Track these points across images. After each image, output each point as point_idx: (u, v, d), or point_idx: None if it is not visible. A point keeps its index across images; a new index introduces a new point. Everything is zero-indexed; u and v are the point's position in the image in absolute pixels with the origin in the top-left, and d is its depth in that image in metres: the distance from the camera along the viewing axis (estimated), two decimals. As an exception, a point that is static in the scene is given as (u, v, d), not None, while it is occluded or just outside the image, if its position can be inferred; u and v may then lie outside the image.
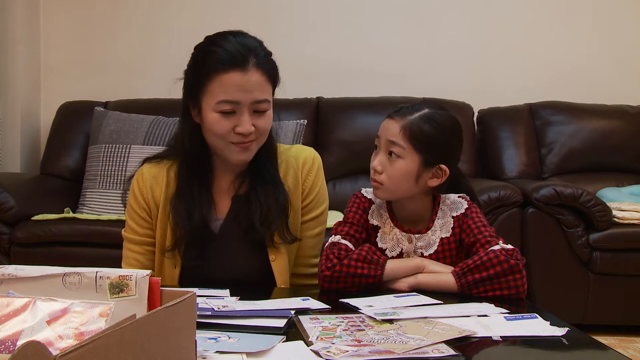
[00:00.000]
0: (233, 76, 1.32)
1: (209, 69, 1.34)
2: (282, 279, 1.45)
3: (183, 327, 0.73)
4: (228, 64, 1.32)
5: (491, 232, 1.37)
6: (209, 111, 1.35)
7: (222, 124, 1.34)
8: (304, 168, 1.50)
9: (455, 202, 1.44)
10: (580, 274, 2.66)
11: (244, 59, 1.33)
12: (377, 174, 1.39)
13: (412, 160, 1.36)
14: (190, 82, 1.40)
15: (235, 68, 1.32)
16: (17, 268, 0.81)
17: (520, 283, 1.28)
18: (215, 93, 1.33)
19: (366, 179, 3.08)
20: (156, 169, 1.50)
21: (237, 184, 1.47)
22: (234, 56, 1.33)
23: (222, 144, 1.37)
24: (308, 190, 1.50)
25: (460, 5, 3.58)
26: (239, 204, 1.46)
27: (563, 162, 3.21)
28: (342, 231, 1.41)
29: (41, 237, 2.60)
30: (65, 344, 0.69)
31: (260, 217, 1.42)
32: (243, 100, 1.33)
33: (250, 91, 1.33)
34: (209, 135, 1.38)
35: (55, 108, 3.38)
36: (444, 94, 3.23)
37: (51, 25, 3.59)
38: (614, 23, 3.56)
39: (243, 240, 1.45)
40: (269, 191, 1.44)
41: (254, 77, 1.34)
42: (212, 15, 3.56)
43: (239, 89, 1.32)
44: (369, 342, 0.93)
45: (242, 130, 1.34)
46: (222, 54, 1.33)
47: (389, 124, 1.39)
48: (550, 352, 0.97)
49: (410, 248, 1.41)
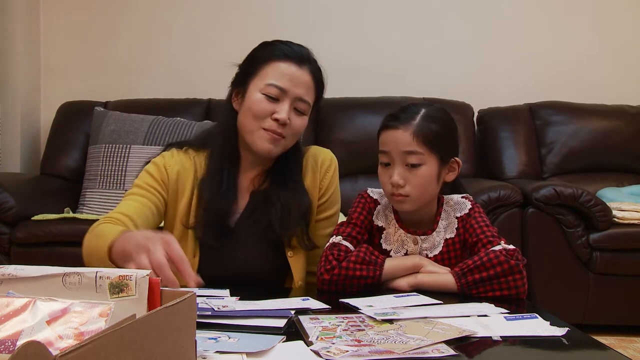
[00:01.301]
0: (289, 66, 1.41)
1: (268, 56, 1.42)
2: (300, 275, 1.47)
3: (183, 327, 0.73)
4: (288, 56, 1.42)
5: (493, 232, 1.37)
6: (254, 92, 1.40)
7: (262, 105, 1.39)
8: (322, 168, 1.54)
9: (459, 202, 1.43)
10: (580, 274, 2.66)
11: (302, 58, 1.43)
12: (399, 188, 1.35)
13: (431, 163, 1.35)
14: (243, 70, 1.47)
15: (292, 61, 1.41)
16: (17, 268, 0.81)
17: (521, 283, 1.28)
18: (266, 76, 1.40)
19: (366, 179, 3.11)
20: (184, 156, 1.50)
21: (259, 181, 1.50)
22: (294, 52, 1.43)
23: (254, 127, 1.40)
24: (324, 189, 1.53)
25: (460, 6, 3.58)
26: (257, 200, 1.48)
27: (563, 162, 3.21)
28: (344, 232, 1.41)
29: (41, 237, 2.60)
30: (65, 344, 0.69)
31: (279, 217, 1.44)
32: (290, 90, 1.40)
33: (299, 86, 1.41)
34: (245, 117, 1.42)
35: (55, 108, 3.38)
36: (444, 94, 3.23)
37: (51, 25, 3.59)
38: (614, 23, 3.56)
39: (258, 237, 1.46)
40: (291, 194, 1.46)
41: (305, 76, 1.42)
42: (212, 15, 3.56)
43: (290, 78, 1.40)
44: (369, 342, 0.93)
45: (279, 117, 1.38)
46: (284, 47, 1.43)
47: (395, 135, 1.35)
48: (550, 352, 0.97)
49: (415, 249, 1.41)
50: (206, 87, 3.39)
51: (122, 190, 2.89)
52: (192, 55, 3.53)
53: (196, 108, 3.30)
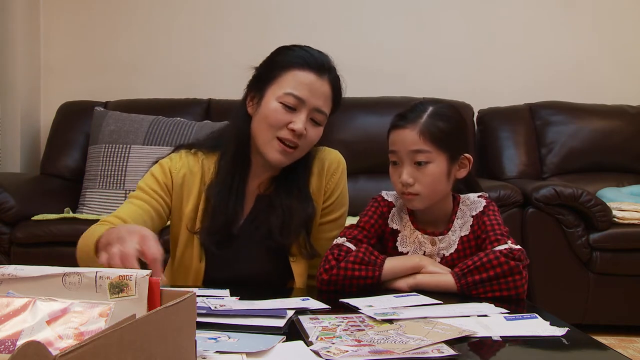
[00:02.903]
0: (308, 75, 1.37)
1: (288, 62, 1.38)
2: (302, 279, 1.46)
3: (183, 327, 0.73)
4: (308, 64, 1.38)
5: (503, 231, 1.36)
6: (271, 99, 1.37)
7: (279, 115, 1.36)
8: (329, 170, 1.51)
9: (475, 201, 1.43)
10: (580, 274, 2.66)
11: (323, 68, 1.40)
12: (409, 186, 1.35)
13: (440, 161, 1.35)
14: (261, 73, 1.43)
15: (312, 70, 1.38)
16: (17, 268, 0.81)
17: (520, 284, 1.28)
18: (285, 84, 1.37)
19: (366, 179, 3.11)
20: (192, 159, 1.48)
21: (265, 185, 1.48)
22: (316, 60, 1.39)
23: (268, 136, 1.38)
24: (330, 192, 1.51)
25: (460, 5, 3.58)
26: (261, 205, 1.46)
27: (563, 162, 3.21)
28: (350, 234, 1.40)
29: (41, 237, 2.60)
30: (65, 344, 0.68)
31: (280, 225, 1.42)
32: (308, 100, 1.37)
33: (317, 97, 1.38)
34: (260, 124, 1.39)
35: (55, 108, 3.38)
36: (444, 94, 3.22)
37: (51, 25, 3.59)
38: (614, 23, 3.56)
39: (261, 241, 1.45)
40: (295, 201, 1.44)
41: (324, 87, 1.39)
42: (212, 15, 3.56)
43: (308, 88, 1.37)
44: (368, 342, 0.93)
45: (295, 127, 1.36)
46: (305, 55, 1.39)
47: (402, 134, 1.36)
48: (550, 352, 0.97)
49: (433, 250, 1.40)
50: (206, 87, 3.39)
51: (122, 190, 2.89)
52: (192, 55, 3.53)
53: (196, 108, 3.30)
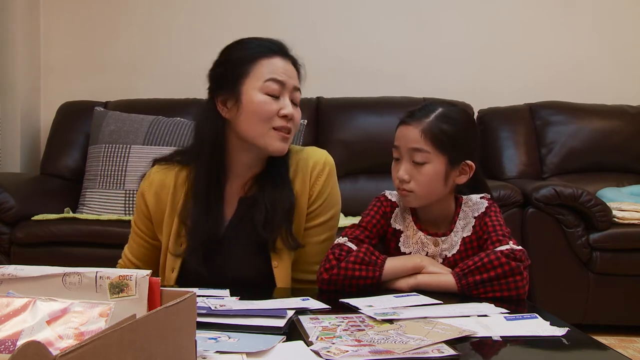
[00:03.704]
0: (277, 61, 1.39)
1: (254, 54, 1.39)
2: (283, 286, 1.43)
3: (183, 327, 0.73)
4: (272, 51, 1.40)
5: (505, 232, 1.36)
6: (254, 94, 1.36)
7: (268, 105, 1.36)
8: (313, 172, 1.46)
9: (477, 202, 1.43)
10: (580, 274, 2.66)
11: (284, 50, 1.42)
12: (404, 183, 1.36)
13: (438, 162, 1.35)
14: (223, 75, 1.41)
15: (278, 54, 1.40)
16: (17, 268, 0.81)
17: (521, 285, 1.27)
18: (262, 74, 1.37)
19: (366, 179, 3.11)
20: (164, 173, 1.48)
21: (247, 187, 1.45)
22: (277, 45, 1.41)
23: (263, 129, 1.36)
24: (316, 195, 1.46)
25: (460, 5, 3.58)
26: (245, 207, 1.44)
27: (563, 162, 3.21)
28: (352, 234, 1.40)
29: (41, 237, 2.60)
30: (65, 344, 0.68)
31: (264, 220, 1.40)
32: (287, 82, 1.39)
33: (292, 77, 1.41)
34: (249, 122, 1.36)
35: (55, 108, 3.38)
36: (444, 94, 3.23)
37: (51, 25, 3.59)
38: (614, 23, 3.56)
39: (246, 244, 1.43)
40: (277, 195, 1.41)
41: (291, 67, 1.42)
42: (212, 15, 3.56)
43: (283, 71, 1.39)
44: (369, 342, 0.93)
45: (287, 112, 1.37)
46: (265, 43, 1.41)
47: (406, 131, 1.36)
48: (550, 352, 0.97)
49: (436, 251, 1.40)
50: (206, 87, 3.38)
51: (122, 190, 2.89)
52: (192, 55, 3.52)
53: (196, 108, 3.30)
